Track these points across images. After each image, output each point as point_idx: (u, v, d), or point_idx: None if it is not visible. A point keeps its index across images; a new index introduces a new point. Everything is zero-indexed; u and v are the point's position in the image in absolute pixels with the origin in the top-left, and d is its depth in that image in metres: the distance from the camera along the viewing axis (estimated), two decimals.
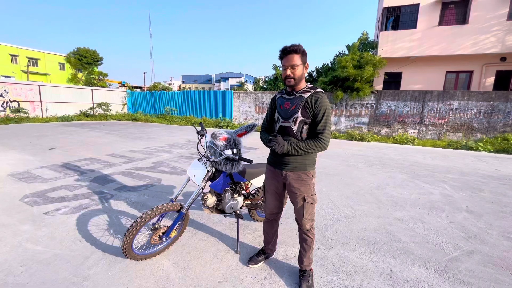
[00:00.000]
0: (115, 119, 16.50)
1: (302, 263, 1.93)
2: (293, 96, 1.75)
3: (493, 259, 2.26)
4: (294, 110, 1.71)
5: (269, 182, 1.95)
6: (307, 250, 1.89)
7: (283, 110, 1.78)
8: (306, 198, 1.78)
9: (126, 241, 1.86)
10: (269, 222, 2.07)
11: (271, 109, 1.95)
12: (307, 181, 1.78)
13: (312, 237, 1.87)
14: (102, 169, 4.75)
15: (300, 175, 1.77)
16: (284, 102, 1.79)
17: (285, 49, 1.67)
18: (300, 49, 1.66)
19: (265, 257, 2.14)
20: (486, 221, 3.04)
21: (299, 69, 1.67)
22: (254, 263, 2.08)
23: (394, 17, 12.37)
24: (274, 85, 18.04)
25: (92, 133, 9.75)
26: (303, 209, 1.80)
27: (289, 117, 1.73)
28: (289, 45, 1.67)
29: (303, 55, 1.68)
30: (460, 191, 4.13)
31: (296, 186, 1.78)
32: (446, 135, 10.25)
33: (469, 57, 11.45)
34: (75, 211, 3.01)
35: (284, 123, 1.76)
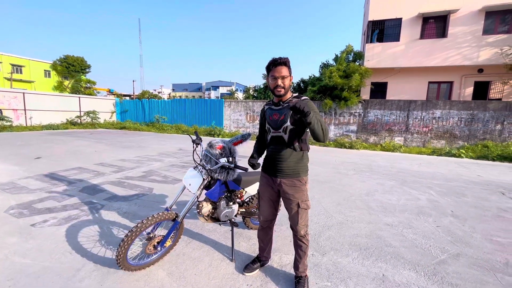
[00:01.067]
0: (103, 127, 16.17)
1: (297, 270, 1.96)
2: (281, 107, 1.82)
3: (478, 261, 2.36)
4: (283, 120, 1.78)
5: (263, 189, 1.99)
6: (302, 256, 1.92)
7: (273, 120, 1.85)
8: (300, 204, 1.82)
9: (121, 251, 1.84)
10: (264, 230, 2.10)
11: (261, 120, 2.04)
12: (300, 187, 1.83)
13: (306, 243, 1.91)
14: (91, 179, 4.65)
15: (294, 181, 1.82)
16: (273, 113, 1.86)
17: (275, 61, 1.75)
18: (288, 61, 1.77)
19: (260, 265, 2.15)
20: (470, 224, 3.18)
21: (287, 80, 1.76)
22: (250, 270, 2.09)
23: (378, 30, 12.95)
24: (265, 94, 18.31)
25: (80, 142, 9.51)
26: (297, 215, 1.84)
27: (279, 127, 1.80)
28: (278, 58, 1.75)
29: (289, 68, 1.78)
30: (445, 196, 4.29)
31: (290, 193, 1.83)
32: (431, 143, 10.64)
33: (449, 69, 12.08)
34: (64, 222, 2.93)
35: (275, 133, 1.84)
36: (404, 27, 12.22)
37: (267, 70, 1.80)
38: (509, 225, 3.19)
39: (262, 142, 2.06)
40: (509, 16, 10.94)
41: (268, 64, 1.78)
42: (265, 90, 18.49)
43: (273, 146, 1.87)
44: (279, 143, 1.83)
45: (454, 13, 11.39)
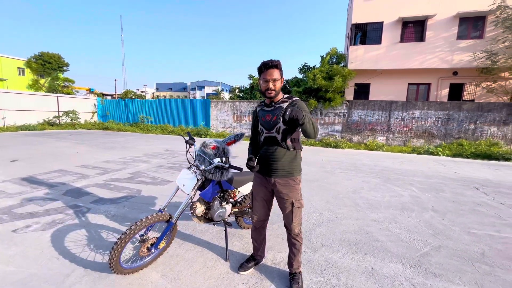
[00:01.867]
0: (84, 128, 15.53)
1: (291, 267, 2.00)
2: (273, 108, 1.85)
3: (457, 252, 2.53)
4: (276, 120, 1.82)
5: (257, 189, 2.02)
6: (296, 253, 1.97)
7: (265, 121, 1.88)
8: (294, 203, 1.87)
9: (114, 255, 1.80)
10: (257, 230, 2.13)
11: (253, 122, 2.06)
12: (294, 187, 1.88)
13: (300, 241, 1.97)
14: (74, 182, 4.48)
15: (288, 181, 1.86)
16: (265, 114, 1.88)
17: (266, 64, 1.77)
18: (279, 64, 1.79)
19: (255, 263, 2.18)
20: (449, 218, 3.38)
21: (278, 83, 1.79)
22: (245, 269, 2.11)
23: (361, 33, 13.36)
24: (251, 94, 18.32)
25: (60, 143, 9.10)
26: (291, 213, 1.88)
27: (272, 128, 1.84)
28: (269, 60, 1.78)
29: (281, 70, 1.81)
30: (426, 192, 4.53)
31: (285, 192, 1.87)
32: (411, 141, 11.13)
33: (426, 71, 12.69)
34: (48, 227, 2.82)
35: (268, 134, 1.87)
36: (385, 31, 12.70)
37: (259, 72, 1.83)
38: (483, 218, 3.43)
39: (255, 144, 2.08)
40: (480, 22, 11.66)
41: (260, 67, 1.80)
42: (251, 91, 18.50)
43: (266, 146, 1.90)
44: (272, 143, 1.86)
45: (431, 18, 11.99)
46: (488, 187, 4.99)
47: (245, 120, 13.97)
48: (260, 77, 1.82)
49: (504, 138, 9.99)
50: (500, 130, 10.05)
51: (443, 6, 11.79)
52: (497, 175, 6.14)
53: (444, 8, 11.79)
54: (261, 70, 1.80)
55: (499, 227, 3.14)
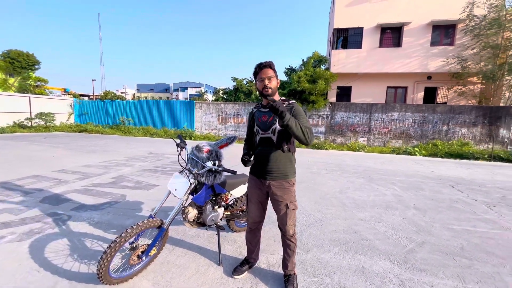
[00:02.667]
0: (59, 130, 14.71)
1: (286, 268, 2.01)
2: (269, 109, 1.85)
3: (439, 247, 2.67)
4: (272, 121, 1.84)
5: (252, 191, 2.02)
6: (291, 255, 1.98)
7: (262, 122, 1.90)
8: (288, 204, 1.88)
9: (103, 264, 1.72)
10: (252, 232, 2.12)
11: (249, 123, 2.07)
12: (289, 189, 1.89)
13: (295, 242, 1.98)
14: (52, 188, 4.22)
15: (283, 183, 1.88)
16: (262, 115, 1.91)
17: (261, 64, 1.82)
18: (272, 64, 1.84)
19: (249, 267, 2.17)
20: (430, 215, 3.56)
21: (274, 81, 1.82)
22: (239, 273, 2.10)
23: (343, 37, 13.80)
24: (235, 96, 18.28)
25: (33, 146, 8.55)
26: (286, 215, 1.89)
27: (268, 128, 1.86)
28: (263, 61, 1.83)
29: (275, 70, 1.85)
30: (407, 191, 4.74)
31: (279, 194, 1.88)
32: (390, 142, 11.62)
33: (403, 75, 13.33)
34: (26, 237, 2.64)
35: (264, 135, 1.88)
36: (366, 36, 13.20)
37: (255, 75, 1.85)
38: (460, 214, 3.65)
39: (250, 145, 2.09)
40: (451, 30, 12.46)
41: (255, 69, 1.84)
42: (235, 93, 18.47)
43: (261, 147, 1.91)
44: (267, 144, 1.88)
45: (407, 25, 12.64)
46: (462, 185, 5.32)
47: (230, 122, 13.90)
48: (256, 79, 1.84)
49: (473, 138, 10.70)
50: (470, 131, 10.75)
51: (417, 14, 12.46)
52: (469, 173, 6.57)
53: (418, 16, 12.47)
54: (256, 72, 1.84)
55: (474, 223, 3.36)
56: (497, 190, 5.02)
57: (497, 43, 10.88)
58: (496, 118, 10.39)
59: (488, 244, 2.77)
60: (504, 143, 10.32)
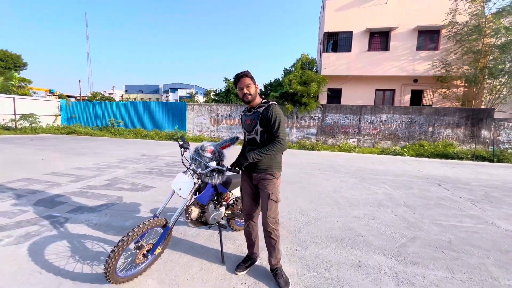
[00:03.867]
0: (46, 132, 14.29)
1: (271, 263, 2.13)
2: (252, 112, 2.08)
3: (429, 242, 2.82)
4: (254, 124, 2.04)
5: (244, 184, 2.19)
6: (273, 250, 2.09)
7: (246, 125, 2.12)
8: (270, 195, 2.01)
9: (111, 263, 1.75)
10: (249, 227, 2.22)
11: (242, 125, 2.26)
12: (272, 180, 2.03)
13: (275, 238, 2.06)
14: (45, 191, 4.15)
15: (267, 175, 2.03)
16: (246, 119, 2.13)
17: (238, 75, 2.03)
18: (248, 73, 2.04)
19: (251, 263, 2.25)
20: (419, 212, 3.74)
21: (252, 88, 2.01)
22: (242, 269, 2.17)
23: (333, 41, 14.12)
24: (226, 98, 18.34)
25: (20, 149, 8.29)
26: (267, 206, 2.02)
27: (252, 130, 2.07)
28: (240, 72, 2.04)
29: (252, 78, 2.04)
30: (397, 189, 4.94)
31: (263, 184, 2.03)
32: (379, 143, 11.96)
33: (391, 78, 13.76)
34: (23, 240, 2.61)
35: (249, 135, 2.11)
36: (355, 40, 13.57)
37: (235, 84, 2.07)
38: (447, 211, 3.84)
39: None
40: (436, 35, 12.99)
41: (234, 80, 2.06)
42: (227, 94, 18.53)
43: (249, 146, 2.13)
44: (253, 143, 2.08)
45: (394, 30, 13.08)
46: (448, 183, 5.57)
47: (223, 123, 13.92)
48: (237, 88, 2.05)
49: (457, 139, 11.17)
50: (454, 132, 11.22)
51: (404, 20, 12.93)
52: (454, 172, 6.88)
53: (405, 21, 12.93)
54: (235, 82, 2.05)
55: (460, 218, 3.55)
56: (480, 188, 5.30)
57: (478, 48, 11.44)
58: (478, 120, 10.89)
59: (474, 238, 2.95)
60: (485, 144, 10.82)
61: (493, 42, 11.26)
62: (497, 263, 2.43)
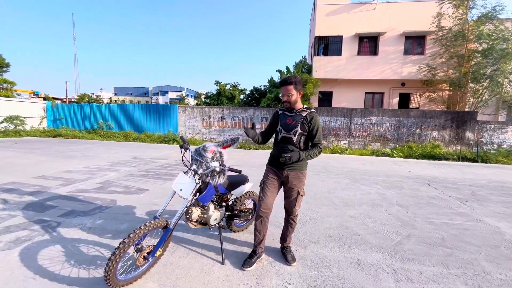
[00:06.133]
0: (31, 135, 13.78)
1: (285, 242, 2.43)
2: (294, 114, 2.22)
3: (423, 239, 2.90)
4: (295, 125, 2.20)
5: (270, 179, 2.29)
6: (291, 232, 2.41)
7: (285, 124, 2.24)
8: (300, 192, 2.26)
9: (112, 266, 1.71)
10: (263, 221, 2.26)
11: (272, 120, 2.39)
12: (302, 179, 2.27)
13: (295, 222, 2.39)
14: (34, 195, 4.00)
15: (298, 174, 2.25)
16: (287, 118, 2.25)
17: (284, 81, 2.18)
18: (295, 80, 2.16)
19: (257, 257, 2.31)
20: (412, 211, 3.84)
21: (294, 97, 2.18)
22: (249, 265, 2.23)
23: (324, 45, 14.38)
24: (218, 100, 18.25)
25: (4, 152, 7.97)
26: (296, 200, 2.27)
27: (291, 130, 2.21)
28: (287, 78, 2.17)
29: (297, 84, 2.17)
30: (389, 189, 5.05)
31: (295, 183, 2.23)
32: (369, 145, 12.20)
33: (380, 82, 14.13)
34: (13, 246, 2.51)
35: (286, 134, 2.23)
36: (345, 44, 13.87)
37: (280, 86, 2.25)
38: (438, 209, 3.97)
39: (265, 135, 2.45)
40: (422, 40, 13.46)
41: (280, 82, 2.23)
42: (218, 97, 18.44)
43: (282, 144, 2.24)
44: (287, 142, 2.22)
45: (383, 35, 13.46)
46: (437, 183, 5.75)
47: (215, 126, 13.85)
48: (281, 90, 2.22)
49: (443, 141, 11.55)
50: (440, 134, 11.60)
51: (392, 25, 13.34)
52: (441, 173, 7.10)
53: (393, 27, 13.34)
54: (281, 86, 2.21)
55: (451, 216, 3.67)
56: (467, 187, 5.50)
57: (462, 53, 11.92)
58: (463, 122, 11.31)
59: (465, 235, 3.06)
60: (469, 145, 11.24)
61: (476, 47, 11.77)
62: (488, 258, 2.53)
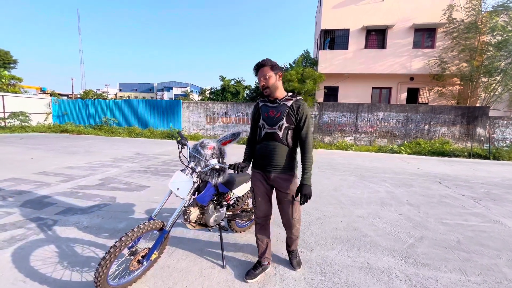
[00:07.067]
0: (37, 131, 13.87)
1: (289, 247, 2.19)
2: (277, 104, 1.87)
3: (437, 242, 2.72)
4: (279, 117, 1.84)
5: (258, 185, 2.00)
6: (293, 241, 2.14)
7: (268, 117, 1.88)
8: (294, 196, 1.90)
9: (102, 272, 1.58)
10: (262, 228, 2.08)
11: (254, 116, 2.02)
12: (294, 181, 1.93)
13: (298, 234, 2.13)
14: (33, 191, 3.93)
15: (288, 176, 1.91)
16: (269, 110, 1.89)
17: (257, 65, 1.86)
18: (268, 62, 1.84)
19: (262, 269, 2.05)
20: (423, 211, 3.65)
21: (271, 79, 1.82)
22: (252, 277, 1.98)
23: (330, 38, 14.02)
24: (222, 96, 18.08)
25: (8, 148, 7.98)
26: (290, 207, 1.94)
27: (275, 124, 1.85)
28: (261, 60, 1.86)
29: (273, 67, 1.84)
30: (398, 187, 4.85)
31: (285, 186, 1.91)
32: (376, 141, 11.92)
33: (387, 76, 13.74)
34: (7, 245, 2.41)
35: (270, 130, 1.87)
36: (352, 37, 13.49)
37: (255, 75, 1.90)
38: (451, 209, 3.76)
39: (253, 145, 2.05)
40: (432, 33, 12.99)
41: (254, 68, 1.88)
42: (222, 92, 18.27)
43: (266, 142, 1.90)
44: (272, 139, 1.87)
45: (391, 28, 13.04)
46: (448, 181, 5.52)
47: (219, 121, 13.72)
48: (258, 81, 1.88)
49: (453, 137, 11.21)
50: (450, 130, 11.25)
51: (400, 17, 12.89)
52: (452, 170, 6.84)
53: (401, 19, 12.90)
54: (256, 72, 1.88)
55: (465, 217, 3.47)
56: (480, 185, 5.26)
57: (474, 46, 11.47)
58: (474, 118, 10.93)
59: (482, 237, 2.86)
60: (480, 141, 10.87)
61: (489, 40, 11.30)
62: (510, 263, 2.34)
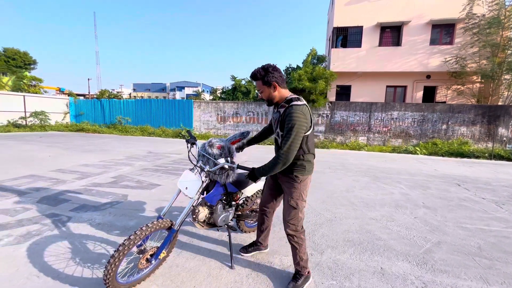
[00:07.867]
0: (55, 130, 14.42)
1: (293, 262, 1.97)
2: (277, 111, 1.88)
3: (456, 247, 2.58)
4: (276, 125, 1.87)
5: (269, 178, 2.09)
6: (294, 255, 1.93)
7: (272, 124, 2.00)
8: (289, 200, 1.86)
9: (111, 269, 1.59)
10: (262, 215, 2.20)
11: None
12: (293, 184, 1.85)
13: (295, 245, 1.88)
14: (49, 188, 4.06)
15: (288, 178, 1.87)
16: (273, 117, 1.98)
17: (252, 77, 1.82)
18: (258, 75, 1.76)
19: (255, 248, 2.31)
20: (441, 214, 3.48)
21: (265, 93, 1.81)
22: (244, 251, 2.30)
23: (342, 36, 13.74)
24: (233, 95, 18.13)
25: (28, 146, 8.32)
26: (286, 210, 1.90)
27: (275, 131, 1.92)
28: (254, 72, 1.78)
29: (265, 81, 1.75)
30: (414, 189, 4.67)
31: (284, 187, 1.92)
32: (390, 141, 11.58)
33: (403, 74, 13.31)
34: (23, 240, 2.49)
35: (274, 135, 1.97)
36: (365, 35, 13.16)
37: None
38: (471, 213, 3.57)
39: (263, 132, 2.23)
40: (451, 29, 12.47)
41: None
42: (233, 92, 18.33)
43: (275, 145, 1.98)
44: (276, 143, 1.94)
45: (406, 24, 12.62)
46: (467, 183, 5.26)
47: (230, 121, 13.76)
48: None
49: (472, 137, 10.72)
50: (469, 130, 10.77)
51: (417, 13, 12.45)
52: (472, 172, 6.53)
53: (418, 15, 12.45)
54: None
55: (487, 221, 3.28)
56: (503, 188, 4.98)
57: (496, 42, 10.91)
58: (495, 117, 10.42)
59: (505, 243, 2.69)
60: (503, 142, 10.35)
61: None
62: None
